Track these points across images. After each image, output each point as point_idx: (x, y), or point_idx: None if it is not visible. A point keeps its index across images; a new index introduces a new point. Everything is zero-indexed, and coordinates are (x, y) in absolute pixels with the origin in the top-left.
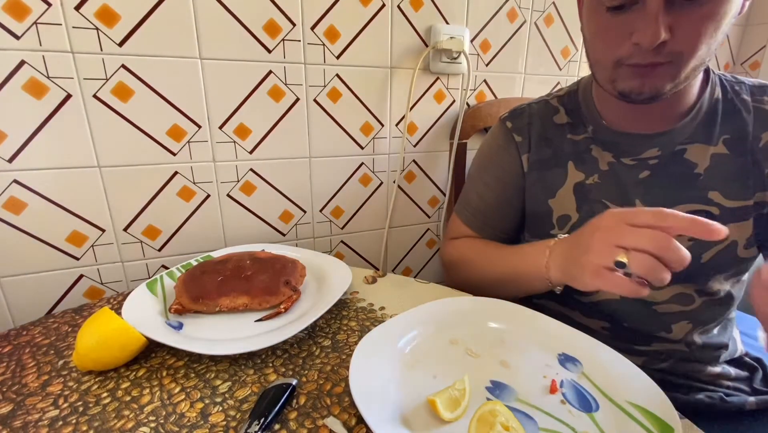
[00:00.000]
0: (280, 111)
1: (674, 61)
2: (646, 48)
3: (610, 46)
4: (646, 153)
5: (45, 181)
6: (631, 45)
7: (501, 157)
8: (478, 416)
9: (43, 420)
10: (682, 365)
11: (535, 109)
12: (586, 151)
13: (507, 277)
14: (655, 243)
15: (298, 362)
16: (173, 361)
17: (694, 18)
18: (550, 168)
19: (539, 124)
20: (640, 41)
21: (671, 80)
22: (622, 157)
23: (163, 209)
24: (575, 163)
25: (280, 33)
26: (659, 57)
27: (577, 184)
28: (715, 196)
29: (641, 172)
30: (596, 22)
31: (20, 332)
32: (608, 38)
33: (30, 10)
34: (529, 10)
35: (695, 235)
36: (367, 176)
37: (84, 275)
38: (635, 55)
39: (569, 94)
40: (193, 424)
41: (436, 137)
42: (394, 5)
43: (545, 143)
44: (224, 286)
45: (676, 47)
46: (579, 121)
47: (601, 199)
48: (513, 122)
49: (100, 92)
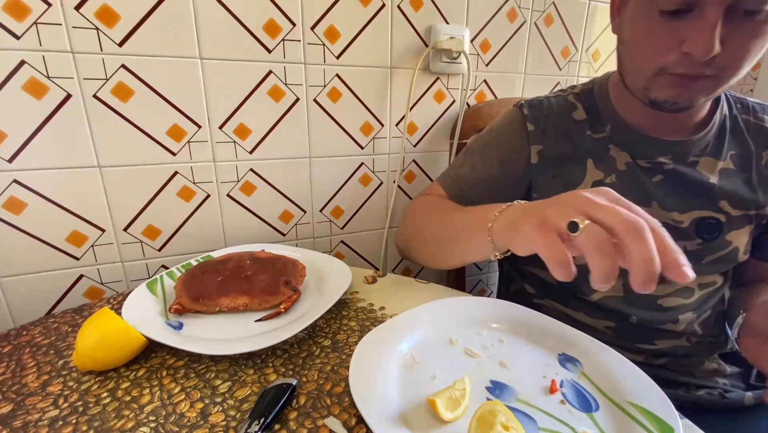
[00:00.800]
0: (280, 111)
1: (717, 75)
2: (698, 59)
3: (657, 52)
4: (660, 158)
5: (45, 181)
6: (679, 54)
7: (510, 139)
8: (478, 416)
9: (43, 420)
10: (682, 361)
11: (554, 103)
12: (605, 150)
13: (450, 234)
14: (625, 226)
15: (298, 362)
16: (173, 361)
17: (747, 33)
18: (570, 164)
19: (558, 118)
20: (692, 51)
21: (707, 94)
22: (638, 158)
23: (163, 209)
24: (594, 162)
25: (280, 33)
26: (706, 69)
27: (596, 182)
28: (724, 205)
29: (655, 175)
30: (644, 25)
31: (20, 332)
32: (657, 44)
33: (30, 10)
34: (529, 10)
35: (666, 268)
36: (367, 176)
37: (84, 275)
38: (683, 64)
39: (585, 92)
40: (193, 424)
41: (436, 137)
42: (394, 5)
43: (565, 138)
44: (224, 286)
45: (724, 61)
46: (597, 120)
47: None
48: (530, 110)
49: (100, 92)
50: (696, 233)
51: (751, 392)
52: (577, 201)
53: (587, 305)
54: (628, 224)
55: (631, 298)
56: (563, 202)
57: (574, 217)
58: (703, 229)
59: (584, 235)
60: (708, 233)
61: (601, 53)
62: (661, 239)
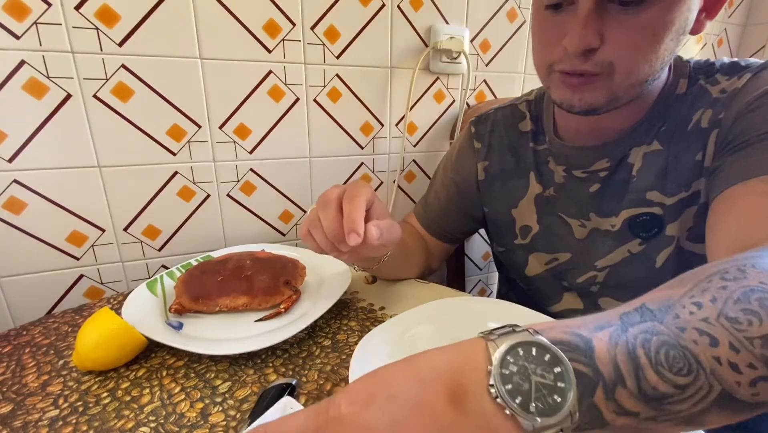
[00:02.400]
0: (280, 111)
1: (606, 74)
2: (572, 53)
3: (544, 47)
4: (596, 165)
5: (45, 181)
6: (562, 49)
7: (460, 160)
8: None
9: (43, 420)
10: None
11: (500, 116)
12: (545, 162)
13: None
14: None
15: (298, 362)
16: (173, 361)
17: (629, 27)
18: (513, 178)
19: (502, 132)
20: (566, 45)
21: (605, 96)
22: (574, 170)
23: (163, 209)
24: (535, 174)
25: (280, 33)
26: (587, 65)
27: (537, 195)
28: (654, 195)
29: (592, 185)
30: (536, 21)
31: (20, 332)
32: (544, 39)
33: (30, 10)
34: (528, 10)
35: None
36: (367, 176)
37: (84, 275)
38: (564, 61)
39: (537, 99)
40: (193, 424)
41: (436, 137)
42: (394, 5)
43: (510, 151)
44: (224, 286)
45: (607, 56)
46: (540, 130)
47: (557, 213)
48: (476, 127)
49: (100, 92)
50: (631, 232)
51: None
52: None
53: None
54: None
55: (592, 312)
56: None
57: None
58: (637, 227)
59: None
60: (645, 231)
61: None
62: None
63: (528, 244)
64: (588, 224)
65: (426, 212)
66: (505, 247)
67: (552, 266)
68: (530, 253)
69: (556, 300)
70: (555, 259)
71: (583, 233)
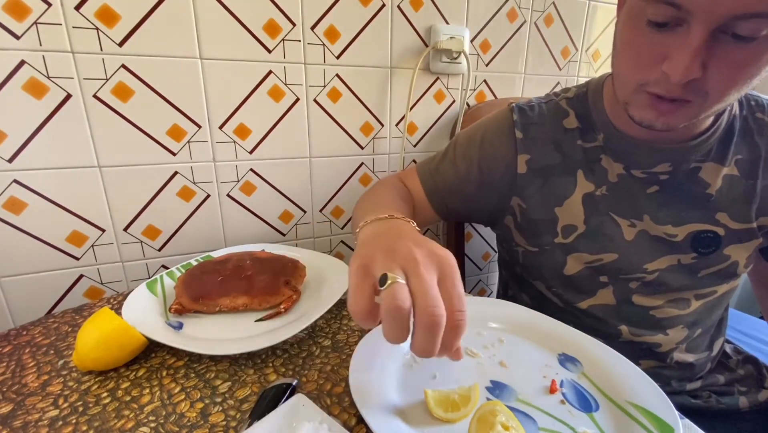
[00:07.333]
0: (280, 111)
1: (697, 102)
2: (674, 82)
3: (639, 65)
4: (657, 167)
5: (45, 181)
6: (660, 72)
7: (495, 143)
8: (478, 416)
9: (43, 420)
10: (665, 382)
11: (545, 110)
12: (596, 160)
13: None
14: (424, 314)
15: (298, 362)
16: (173, 361)
17: (734, 59)
18: (559, 175)
19: (548, 126)
20: (669, 72)
21: (687, 120)
22: (633, 168)
23: (163, 209)
24: (585, 173)
25: (280, 33)
26: (685, 93)
27: (586, 194)
28: (722, 217)
29: (650, 186)
30: (632, 34)
31: (20, 332)
32: (640, 57)
33: (30, 10)
34: (529, 10)
35: (443, 354)
36: (368, 176)
37: (84, 275)
38: (660, 84)
39: (578, 96)
40: (193, 424)
41: (436, 137)
42: (394, 5)
43: (554, 147)
44: (224, 286)
45: (705, 86)
46: (589, 128)
47: (608, 212)
48: (520, 116)
49: (100, 92)
50: (691, 247)
51: (746, 397)
52: (405, 257)
53: (576, 319)
54: (427, 314)
55: (623, 308)
56: (394, 253)
57: (394, 270)
58: (698, 243)
59: (385, 293)
60: (704, 247)
61: (601, 53)
62: (451, 336)
63: (570, 243)
64: (639, 224)
65: (434, 179)
66: (540, 246)
67: (594, 265)
68: (570, 253)
69: (589, 296)
70: (599, 259)
71: (631, 234)
